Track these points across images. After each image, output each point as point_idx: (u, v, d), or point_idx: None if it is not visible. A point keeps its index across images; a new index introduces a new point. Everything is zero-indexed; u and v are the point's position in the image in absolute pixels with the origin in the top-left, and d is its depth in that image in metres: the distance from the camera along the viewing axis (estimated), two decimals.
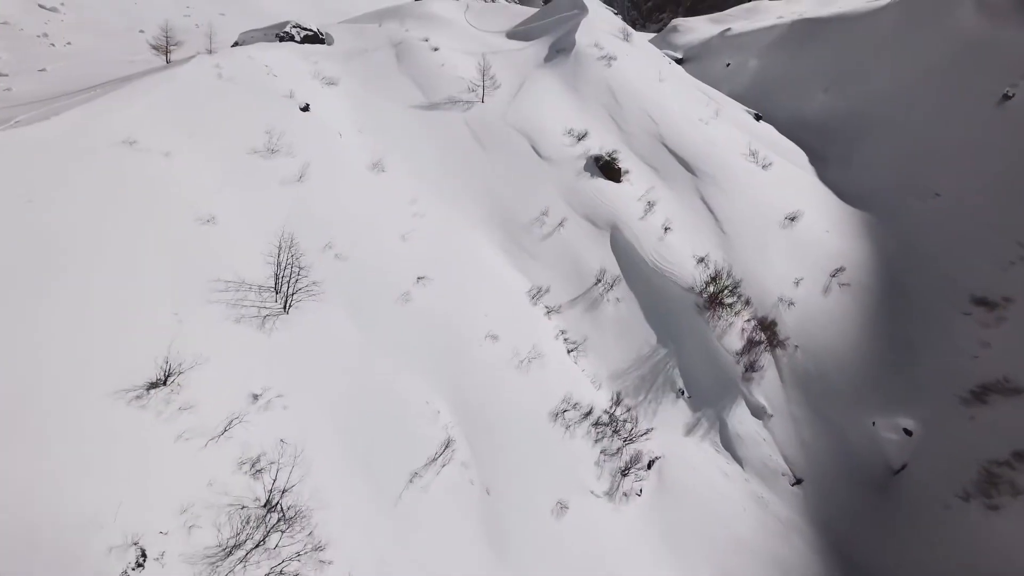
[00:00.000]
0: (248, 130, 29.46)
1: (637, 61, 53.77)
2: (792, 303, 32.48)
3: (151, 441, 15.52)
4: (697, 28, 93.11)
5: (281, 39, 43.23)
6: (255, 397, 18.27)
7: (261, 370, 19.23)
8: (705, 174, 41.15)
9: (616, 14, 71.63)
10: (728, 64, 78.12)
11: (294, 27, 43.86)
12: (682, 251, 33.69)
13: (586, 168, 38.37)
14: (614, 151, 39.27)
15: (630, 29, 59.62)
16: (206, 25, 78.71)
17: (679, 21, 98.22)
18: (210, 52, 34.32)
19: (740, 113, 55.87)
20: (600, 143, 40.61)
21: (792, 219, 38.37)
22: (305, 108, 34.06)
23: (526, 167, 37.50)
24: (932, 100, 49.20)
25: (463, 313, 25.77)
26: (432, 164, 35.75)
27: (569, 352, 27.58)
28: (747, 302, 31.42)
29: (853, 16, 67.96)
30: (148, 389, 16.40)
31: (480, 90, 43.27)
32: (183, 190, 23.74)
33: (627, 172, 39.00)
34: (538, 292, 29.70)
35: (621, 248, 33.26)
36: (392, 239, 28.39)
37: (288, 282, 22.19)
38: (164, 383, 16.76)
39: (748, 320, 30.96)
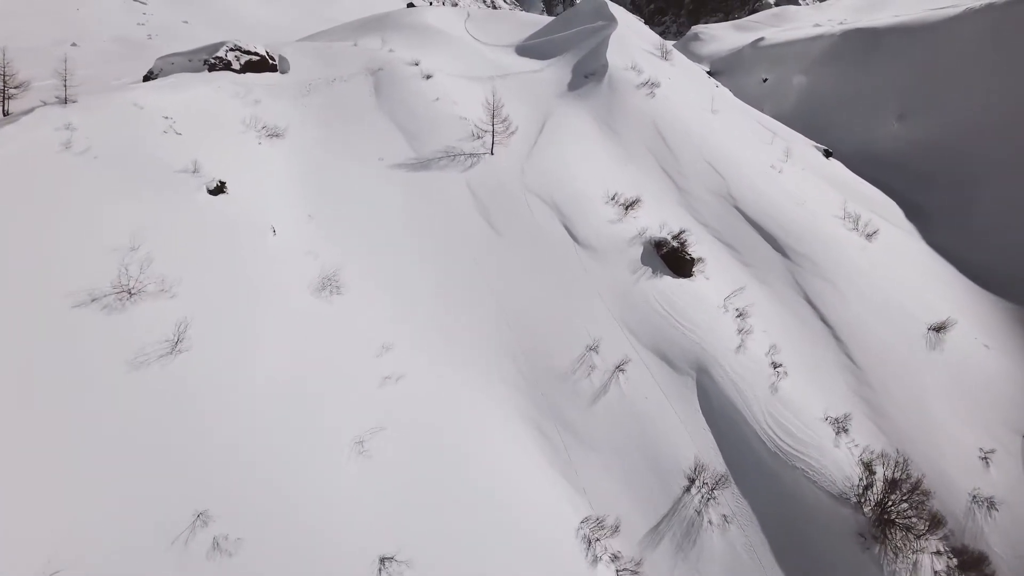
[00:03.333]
0: (92, 251, 15.68)
1: (683, 87, 39.63)
2: (992, 504, 19.06)
3: None
4: (721, 36, 78.53)
5: (212, 67, 29.04)
6: None
7: None
8: (801, 256, 27.51)
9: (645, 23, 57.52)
10: (765, 79, 63.82)
11: (231, 50, 29.56)
12: (809, 410, 20.10)
13: (644, 260, 24.62)
14: (681, 232, 25.47)
15: (668, 44, 45.42)
16: (165, 36, 64.06)
17: (700, 28, 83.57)
18: (65, 102, 20.20)
19: (809, 150, 42.01)
20: (659, 217, 26.82)
21: (938, 330, 24.89)
22: (217, 190, 20.10)
23: (559, 263, 23.75)
24: None
25: None
26: (418, 269, 21.95)
27: None
28: (935, 520, 17.96)
29: (921, 26, 53.43)
30: None
31: (488, 136, 29.41)
32: None
33: (700, 260, 25.37)
34: (598, 527, 16.14)
35: (718, 413, 19.67)
36: (339, 454, 14.77)
37: None
38: None
39: (939, 552, 17.58)
